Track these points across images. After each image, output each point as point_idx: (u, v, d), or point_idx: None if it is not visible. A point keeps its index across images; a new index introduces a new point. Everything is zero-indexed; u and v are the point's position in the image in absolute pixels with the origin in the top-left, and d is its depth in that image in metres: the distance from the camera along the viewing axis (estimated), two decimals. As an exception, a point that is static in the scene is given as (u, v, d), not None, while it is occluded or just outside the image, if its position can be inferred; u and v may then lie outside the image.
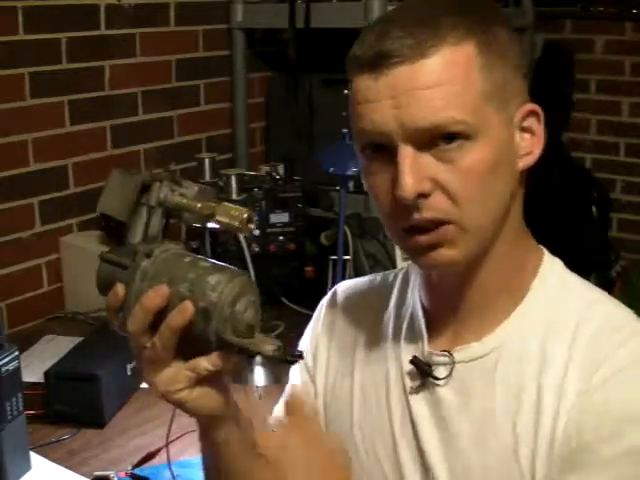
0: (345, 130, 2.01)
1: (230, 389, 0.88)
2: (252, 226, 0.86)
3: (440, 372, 0.90)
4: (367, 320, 1.02)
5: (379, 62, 0.81)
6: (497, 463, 0.85)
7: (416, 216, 0.83)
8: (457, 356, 0.89)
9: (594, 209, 2.82)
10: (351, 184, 2.20)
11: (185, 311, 0.78)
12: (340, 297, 1.07)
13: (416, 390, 0.92)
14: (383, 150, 0.83)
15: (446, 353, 0.90)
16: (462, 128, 0.81)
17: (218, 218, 0.83)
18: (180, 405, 0.83)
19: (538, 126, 0.87)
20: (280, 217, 2.16)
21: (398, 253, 2.04)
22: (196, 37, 2.53)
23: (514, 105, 0.85)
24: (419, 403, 0.91)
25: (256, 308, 0.81)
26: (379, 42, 0.82)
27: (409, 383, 0.93)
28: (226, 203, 0.84)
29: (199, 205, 0.84)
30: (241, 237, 1.86)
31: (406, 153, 0.82)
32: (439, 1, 0.86)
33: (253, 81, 2.72)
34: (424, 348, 0.92)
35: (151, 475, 1.40)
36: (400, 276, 1.03)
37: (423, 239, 0.84)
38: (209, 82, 2.60)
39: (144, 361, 0.82)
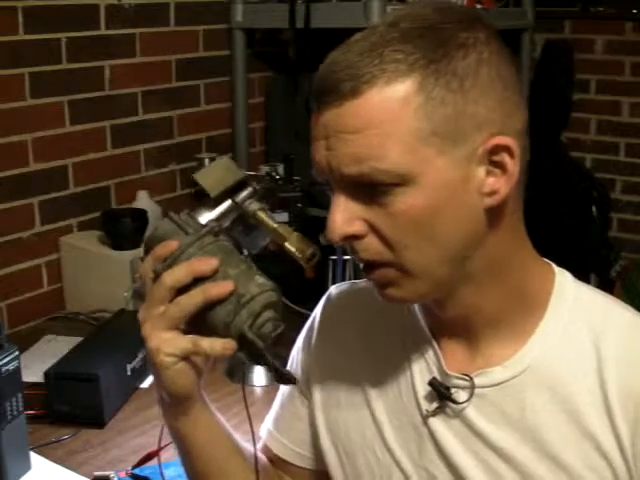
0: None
1: (201, 389, 0.91)
2: (313, 262, 0.95)
3: (460, 396, 0.87)
4: (367, 328, 0.98)
5: (319, 99, 0.79)
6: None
7: (355, 257, 0.83)
8: (478, 381, 0.86)
9: (594, 209, 2.83)
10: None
11: (225, 286, 0.81)
12: (336, 302, 1.04)
13: (433, 413, 0.89)
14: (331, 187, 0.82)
15: (466, 377, 0.87)
16: (385, 178, 0.76)
17: (287, 245, 0.94)
18: (162, 368, 0.85)
19: (511, 162, 0.79)
20: (280, 217, 2.15)
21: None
22: (196, 37, 2.53)
23: (477, 138, 0.77)
24: (440, 426, 0.88)
25: (275, 326, 0.83)
26: (323, 75, 0.79)
27: (425, 406, 0.89)
28: (299, 234, 0.93)
29: (276, 225, 0.92)
30: (241, 237, 1.86)
31: (338, 194, 0.80)
32: (399, 27, 0.78)
33: (253, 81, 2.72)
34: (442, 368, 0.89)
35: (151, 475, 1.40)
36: None
37: (370, 277, 0.84)
38: (209, 82, 2.60)
39: (155, 315, 0.84)
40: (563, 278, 0.89)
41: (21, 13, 2.04)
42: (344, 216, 0.80)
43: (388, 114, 0.76)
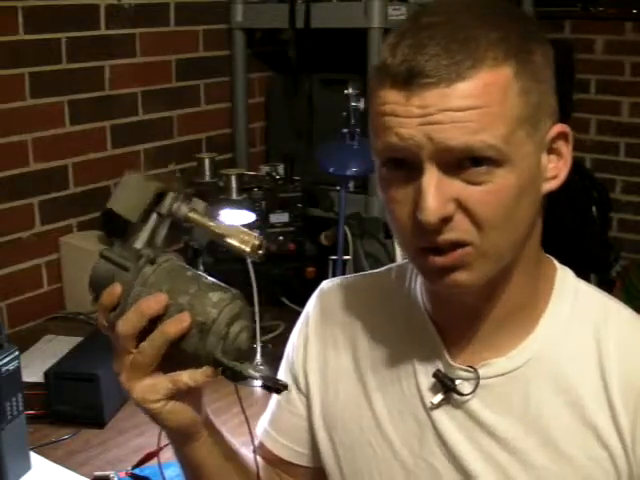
0: (345, 130, 2.02)
1: (205, 409, 0.89)
2: (261, 252, 0.84)
3: (465, 388, 0.88)
4: (364, 320, 0.98)
5: (412, 80, 0.77)
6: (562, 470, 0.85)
7: (438, 238, 0.79)
8: (482, 372, 0.87)
9: (594, 209, 2.82)
10: (351, 184, 2.20)
11: (182, 321, 0.78)
12: (328, 296, 1.03)
13: (437, 405, 0.89)
14: (404, 165, 0.80)
15: (470, 369, 0.88)
16: (493, 154, 0.77)
17: (229, 240, 0.83)
18: (153, 415, 0.84)
19: (566, 148, 0.84)
20: (280, 217, 2.16)
21: (398, 253, 2.04)
22: (196, 37, 2.54)
23: (545, 126, 0.82)
24: (443, 417, 0.89)
25: (249, 334, 0.80)
26: (412, 56, 0.77)
27: (429, 397, 0.90)
28: (238, 227, 0.83)
29: (211, 223, 0.83)
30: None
31: (431, 173, 0.78)
32: (475, 10, 0.81)
33: (253, 81, 2.72)
34: (446, 360, 0.90)
35: (151, 475, 1.40)
36: (393, 275, 1.00)
37: (439, 261, 0.80)
38: (209, 82, 2.60)
39: (126, 365, 0.82)
40: (564, 274, 0.91)
41: (21, 13, 2.04)
42: (439, 197, 0.78)
43: (494, 96, 0.77)
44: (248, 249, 0.83)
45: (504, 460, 0.86)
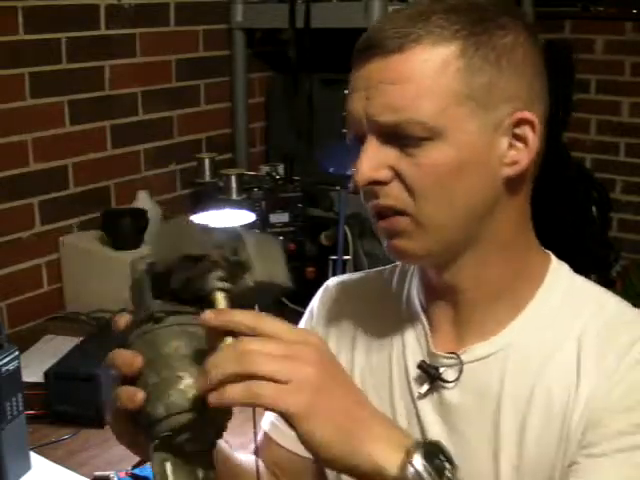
0: (345, 130, 2.02)
1: None
2: None
3: (449, 375, 0.89)
4: (364, 314, 1.00)
5: (364, 53, 0.83)
6: (504, 466, 0.85)
7: (375, 202, 0.86)
8: (465, 357, 0.88)
9: (594, 209, 2.83)
10: (351, 184, 2.20)
11: (133, 401, 0.72)
12: (333, 291, 1.06)
13: (424, 395, 0.91)
14: (361, 140, 0.86)
15: (453, 355, 0.89)
16: (419, 130, 0.81)
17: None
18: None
19: (532, 136, 0.84)
20: (280, 217, 2.16)
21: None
22: (196, 37, 2.54)
23: (504, 110, 0.83)
24: (427, 407, 0.91)
25: (202, 442, 0.73)
26: (369, 34, 0.84)
27: (416, 388, 0.92)
28: None
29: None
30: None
31: (370, 142, 0.84)
32: (445, 1, 0.84)
33: (253, 81, 2.72)
34: (429, 349, 0.91)
35: (151, 475, 1.40)
36: (397, 272, 1.02)
37: (381, 224, 0.86)
38: (209, 82, 2.60)
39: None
40: (559, 267, 0.92)
41: (21, 13, 2.04)
42: (372, 162, 0.84)
43: (428, 71, 0.81)
44: None
45: (476, 451, 0.86)
